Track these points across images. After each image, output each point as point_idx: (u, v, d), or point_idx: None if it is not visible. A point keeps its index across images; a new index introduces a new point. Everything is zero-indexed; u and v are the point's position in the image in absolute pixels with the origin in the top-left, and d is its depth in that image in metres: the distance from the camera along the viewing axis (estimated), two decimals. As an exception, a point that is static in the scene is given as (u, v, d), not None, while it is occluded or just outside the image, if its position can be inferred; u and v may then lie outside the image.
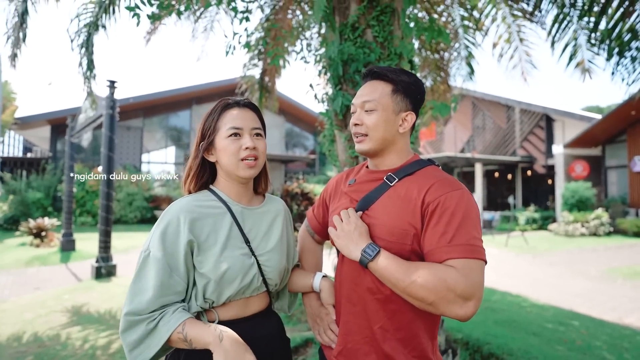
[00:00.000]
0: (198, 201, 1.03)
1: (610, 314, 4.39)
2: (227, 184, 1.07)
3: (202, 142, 1.05)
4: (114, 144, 6.21)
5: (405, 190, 1.01)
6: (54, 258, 7.58)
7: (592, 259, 8.14)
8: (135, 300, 0.92)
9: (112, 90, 6.23)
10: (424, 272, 0.89)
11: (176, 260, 0.96)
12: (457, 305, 0.86)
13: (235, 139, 1.03)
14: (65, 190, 8.69)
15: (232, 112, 1.04)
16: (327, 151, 2.67)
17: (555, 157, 13.69)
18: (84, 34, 3.91)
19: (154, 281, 0.93)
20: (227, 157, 1.03)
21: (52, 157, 15.20)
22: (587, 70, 4.24)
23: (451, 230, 0.91)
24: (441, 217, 0.93)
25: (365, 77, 1.11)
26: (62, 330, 3.58)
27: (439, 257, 0.91)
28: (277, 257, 1.09)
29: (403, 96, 1.06)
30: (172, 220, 0.98)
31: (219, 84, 17.17)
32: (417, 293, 0.89)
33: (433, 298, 0.87)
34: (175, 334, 0.90)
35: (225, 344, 0.88)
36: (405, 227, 0.97)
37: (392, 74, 1.06)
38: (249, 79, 5.52)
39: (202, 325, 0.92)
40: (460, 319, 0.88)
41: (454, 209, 0.93)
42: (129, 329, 0.91)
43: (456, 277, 0.86)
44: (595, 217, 11.57)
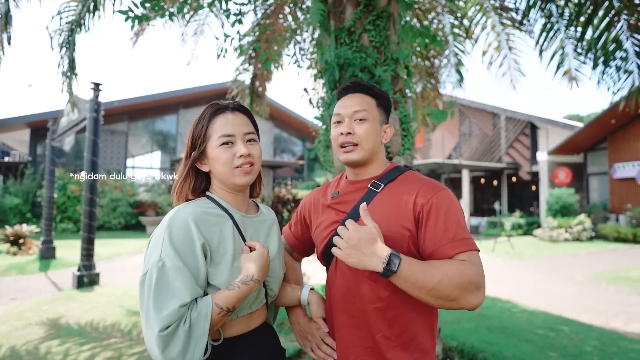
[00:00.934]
0: (201, 207, 0.97)
1: (598, 318, 4.44)
2: (223, 192, 1.02)
3: (193, 152, 0.99)
4: (98, 148, 6.04)
5: (393, 194, 1.04)
6: (32, 266, 7.28)
7: (576, 263, 8.29)
8: (163, 313, 0.83)
9: (97, 92, 6.07)
10: (447, 270, 0.90)
11: (196, 268, 0.89)
12: (473, 295, 0.90)
13: (228, 147, 0.97)
14: (46, 196, 8.40)
15: (222, 117, 0.98)
16: (322, 157, 2.62)
17: (540, 164, 13.98)
18: (65, 33, 3.78)
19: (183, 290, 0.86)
20: (220, 167, 0.97)
21: (31, 162, 14.73)
22: (574, 79, 4.32)
23: (451, 227, 0.96)
24: (438, 216, 0.98)
25: (347, 89, 1.13)
26: (41, 344, 3.41)
27: (447, 253, 0.94)
28: (277, 267, 1.08)
29: (383, 110, 1.13)
30: (180, 225, 0.90)
31: (207, 88, 17.00)
32: (444, 291, 0.89)
33: (457, 293, 0.89)
34: (217, 316, 0.88)
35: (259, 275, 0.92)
36: (400, 231, 0.99)
37: (375, 89, 1.13)
38: (240, 83, 5.45)
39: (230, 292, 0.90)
40: (472, 308, 0.92)
41: (447, 207, 0.99)
42: (169, 343, 0.82)
43: (472, 269, 0.91)
44: (578, 222, 11.82)
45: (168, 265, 0.86)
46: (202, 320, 0.85)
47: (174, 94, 16.59)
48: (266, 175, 18.93)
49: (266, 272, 0.95)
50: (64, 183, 12.77)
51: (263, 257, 0.94)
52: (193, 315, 0.85)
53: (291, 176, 20.04)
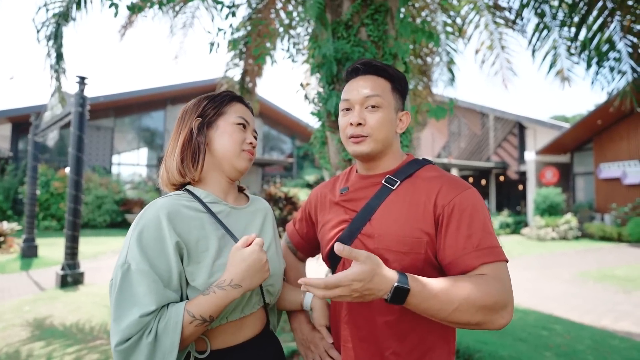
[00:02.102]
0: (179, 200, 0.87)
1: (587, 316, 4.49)
2: (214, 179, 0.94)
3: (203, 119, 0.94)
4: (83, 143, 5.86)
5: (410, 193, 0.91)
6: (13, 265, 7.04)
7: (563, 262, 8.41)
8: (123, 323, 0.74)
9: (82, 86, 5.89)
10: (467, 293, 0.76)
11: (167, 272, 0.78)
12: (499, 316, 0.78)
13: (243, 129, 0.96)
14: (28, 193, 8.14)
15: (240, 105, 0.99)
16: (318, 153, 2.56)
17: (527, 164, 14.17)
18: (52, 25, 3.63)
19: (147, 298, 0.76)
20: (230, 142, 0.93)
21: (12, 157, 14.29)
22: (566, 79, 4.35)
23: (476, 233, 0.84)
24: (461, 220, 0.85)
25: (356, 70, 0.97)
26: (22, 347, 3.26)
27: (470, 263, 0.82)
28: (276, 262, 0.98)
29: (399, 95, 0.98)
30: (150, 223, 0.80)
31: (196, 84, 16.75)
32: (464, 318, 0.76)
33: (480, 317, 0.77)
34: (190, 326, 0.76)
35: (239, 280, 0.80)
36: (418, 235, 0.87)
37: (391, 70, 0.97)
38: (230, 79, 5.34)
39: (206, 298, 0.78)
40: (499, 329, 0.80)
41: (471, 210, 0.86)
42: (130, 356, 0.73)
43: (496, 287, 0.79)
44: (565, 221, 12.02)
45: (133, 268, 0.76)
46: (171, 330, 0.74)
47: (161, 89, 16.30)
48: (255, 173, 18.77)
49: (256, 278, 0.81)
50: (47, 179, 12.42)
51: (252, 257, 0.80)
52: (160, 325, 0.74)
53: (280, 174, 19.92)
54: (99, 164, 15.27)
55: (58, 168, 13.31)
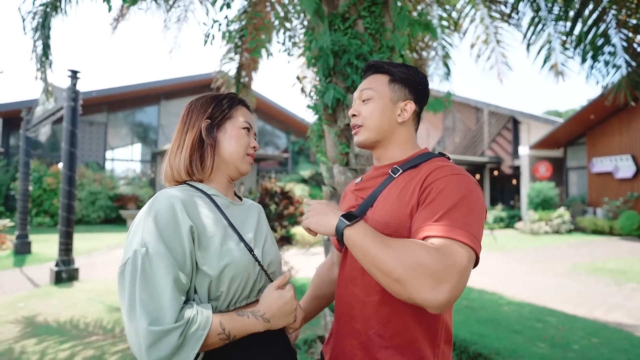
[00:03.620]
0: (187, 190, 0.91)
1: (580, 308, 4.55)
2: (217, 177, 0.99)
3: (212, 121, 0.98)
4: (76, 138, 5.78)
5: (406, 181, 0.94)
6: (6, 262, 6.97)
7: (556, 255, 8.50)
8: (151, 307, 0.75)
9: (74, 80, 5.80)
10: (396, 243, 0.78)
11: (182, 254, 0.80)
12: (427, 287, 0.71)
13: (248, 133, 1.02)
14: (20, 189, 8.04)
15: (245, 109, 1.04)
16: (315, 147, 2.54)
17: (521, 158, 14.27)
18: (39, 15, 3.56)
19: (166, 280, 0.77)
20: (237, 146, 0.98)
21: (4, 153, 14.09)
22: (561, 73, 4.36)
23: (443, 208, 0.80)
24: (435, 198, 0.83)
25: (365, 72, 1.10)
26: (15, 344, 3.23)
27: (421, 234, 0.79)
28: (274, 249, 1.03)
29: (401, 85, 1.03)
30: (165, 208, 0.82)
31: (190, 79, 16.59)
32: (385, 264, 0.75)
33: (401, 272, 0.73)
34: (216, 337, 0.80)
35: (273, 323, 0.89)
36: (402, 218, 0.89)
37: (389, 66, 1.05)
38: (225, 74, 5.29)
39: (239, 318, 0.84)
40: (430, 306, 0.73)
41: (451, 191, 0.83)
42: (156, 343, 0.73)
43: (431, 252, 0.73)
44: (558, 215, 12.14)
45: (152, 250, 0.77)
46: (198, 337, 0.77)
47: (155, 84, 16.13)
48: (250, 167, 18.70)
49: (283, 320, 0.90)
50: (40, 175, 12.28)
51: (287, 302, 0.90)
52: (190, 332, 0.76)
53: (275, 169, 19.87)
54: (93, 159, 15.12)
55: (51, 164, 13.16)
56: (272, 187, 4.68)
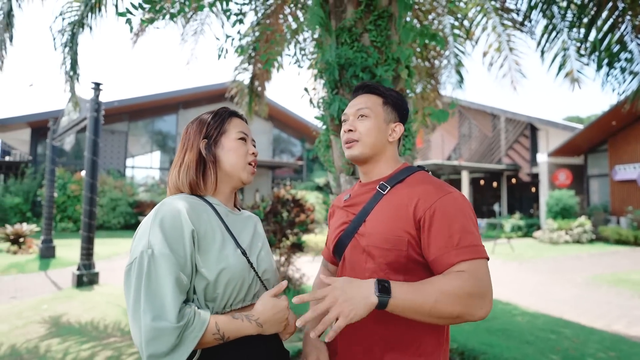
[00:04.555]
0: (190, 199, 0.99)
1: (599, 321, 4.42)
2: (220, 189, 1.05)
3: (209, 140, 1.03)
4: (98, 147, 6.03)
5: (397, 197, 1.03)
6: (32, 265, 7.28)
7: (576, 266, 8.27)
8: (154, 305, 0.81)
9: (97, 92, 6.06)
10: (443, 287, 0.86)
11: (183, 257, 0.88)
12: (477, 308, 0.86)
13: (244, 143, 1.06)
14: (46, 195, 8.40)
15: (238, 120, 1.09)
16: (323, 157, 2.62)
17: (540, 166, 13.97)
18: (68, 33, 3.78)
19: (168, 280, 0.84)
20: (236, 157, 1.04)
21: (32, 161, 14.72)
22: (576, 80, 4.30)
23: (456, 234, 0.92)
24: (442, 221, 0.94)
25: (356, 91, 1.17)
26: (40, 342, 3.40)
27: (449, 260, 0.91)
28: (269, 258, 1.09)
29: (392, 108, 1.13)
30: (170, 213, 0.90)
31: (207, 88, 17.00)
32: (445, 310, 0.85)
33: (459, 309, 0.85)
34: (211, 337, 0.86)
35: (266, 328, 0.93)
36: (399, 234, 0.97)
37: (382, 88, 1.14)
38: (239, 83, 5.44)
39: (234, 321, 0.90)
40: (479, 319, 0.88)
41: (452, 212, 0.95)
42: (156, 338, 0.80)
43: (471, 280, 0.87)
44: (579, 224, 11.81)
45: (157, 252, 0.85)
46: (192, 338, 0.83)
47: (173, 94, 16.60)
48: (265, 175, 18.92)
49: (275, 327, 0.95)
50: (64, 182, 12.77)
51: (281, 310, 0.95)
52: (187, 331, 0.83)
53: (290, 177, 20.03)
54: (114, 167, 15.61)
55: (74, 171, 13.66)
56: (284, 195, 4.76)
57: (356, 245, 1.06)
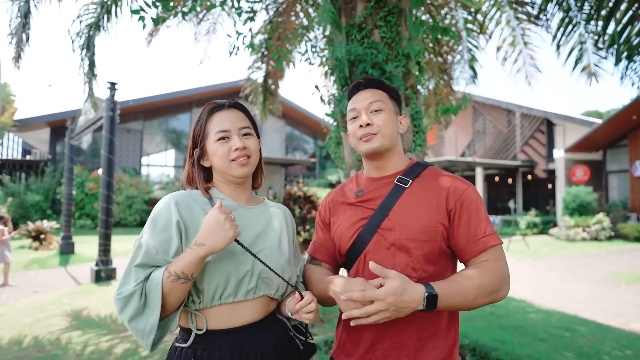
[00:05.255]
0: (190, 194, 1.05)
1: (616, 319, 4.34)
2: (222, 185, 1.08)
3: (195, 150, 1.06)
4: (114, 146, 6.17)
5: (423, 190, 1.06)
6: (52, 261, 7.51)
7: (594, 263, 8.10)
8: (123, 282, 0.93)
9: (113, 92, 6.20)
10: (478, 283, 0.95)
11: (168, 243, 0.95)
12: (503, 292, 0.98)
13: (224, 142, 1.03)
14: (65, 193, 8.63)
15: (218, 115, 1.05)
16: (333, 153, 2.64)
17: (556, 162, 13.68)
18: (85, 35, 3.88)
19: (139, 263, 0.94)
20: (218, 160, 1.03)
21: (51, 160, 15.14)
22: (593, 74, 4.20)
23: (482, 222, 1.02)
24: (470, 212, 1.02)
25: (357, 86, 1.15)
26: (62, 335, 3.52)
27: (480, 247, 1.00)
28: (274, 258, 1.03)
29: (396, 102, 1.16)
30: (162, 207, 0.99)
31: (220, 86, 17.16)
32: (481, 302, 0.96)
33: (492, 297, 0.97)
34: (167, 282, 0.89)
35: (209, 244, 0.90)
36: (435, 225, 1.02)
37: (385, 83, 1.16)
38: (253, 81, 5.49)
39: (181, 256, 0.91)
40: (500, 300, 1.00)
41: (477, 203, 1.03)
42: (123, 308, 0.90)
43: (497, 269, 0.98)
44: (597, 221, 11.54)
45: (143, 240, 0.95)
46: (154, 289, 0.89)
47: (187, 92, 16.81)
48: (278, 173, 19.02)
49: (218, 237, 0.89)
50: (82, 180, 13.09)
51: (212, 218, 0.90)
52: (147, 286, 0.90)
53: (303, 174, 20.09)
54: (129, 165, 15.92)
55: (92, 169, 13.99)
56: (296, 192, 4.80)
57: (380, 240, 1.03)
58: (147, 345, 0.90)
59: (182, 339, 1.00)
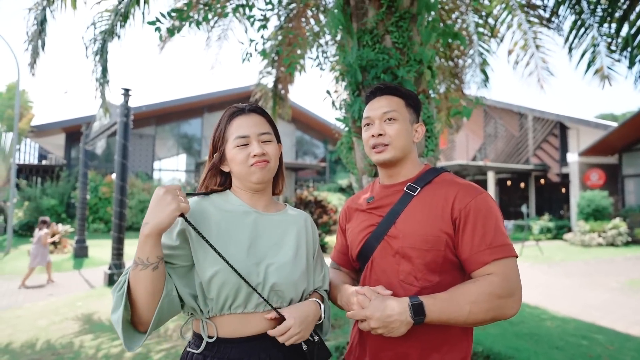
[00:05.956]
0: (204, 199, 1.04)
1: (635, 327, 4.22)
2: (241, 191, 1.06)
3: (215, 154, 1.06)
4: (127, 151, 6.27)
5: (430, 198, 1.03)
6: (67, 264, 7.63)
7: (610, 269, 7.91)
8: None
9: (126, 98, 6.31)
10: (474, 297, 0.90)
11: (170, 248, 0.94)
12: (508, 309, 0.92)
13: (243, 148, 1.01)
14: (79, 197, 8.79)
15: (238, 120, 1.04)
16: (345, 159, 2.63)
17: (570, 166, 13.44)
18: (99, 42, 3.96)
19: None
20: (237, 167, 1.02)
21: (66, 165, 15.44)
22: (607, 77, 4.14)
23: (490, 233, 0.96)
24: (476, 222, 0.97)
25: (374, 93, 1.13)
26: (75, 338, 3.57)
27: (482, 259, 0.94)
28: (288, 269, 0.99)
29: (413, 109, 1.13)
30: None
31: (231, 92, 17.34)
32: (478, 318, 0.91)
33: (492, 315, 0.91)
34: (133, 272, 0.87)
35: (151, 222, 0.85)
36: (438, 234, 0.98)
37: (403, 90, 1.13)
38: (263, 87, 5.54)
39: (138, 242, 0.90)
40: (510, 317, 0.93)
41: (485, 212, 0.98)
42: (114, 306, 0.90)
43: (501, 283, 0.91)
44: (613, 226, 11.28)
45: None
46: (123, 279, 0.90)
47: (198, 98, 17.02)
48: (288, 177, 19.08)
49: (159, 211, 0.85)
50: (96, 185, 13.31)
51: (153, 197, 0.88)
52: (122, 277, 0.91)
53: (313, 178, 20.11)
54: (142, 169, 16.14)
55: (105, 174, 14.22)
56: (307, 197, 4.80)
57: (386, 248, 1.04)
58: (121, 338, 0.88)
59: (194, 345, 0.99)
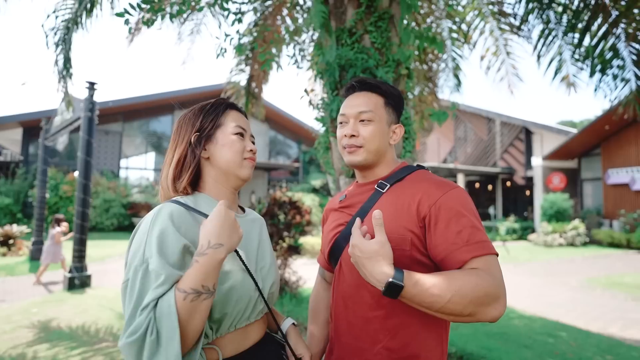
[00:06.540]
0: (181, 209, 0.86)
1: (594, 324, 4.43)
2: (216, 189, 0.94)
3: (201, 133, 0.93)
4: (92, 148, 5.95)
5: (397, 195, 0.97)
6: (22, 268, 7.14)
7: (571, 269, 8.31)
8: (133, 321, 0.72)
9: (92, 92, 5.99)
10: (459, 285, 0.79)
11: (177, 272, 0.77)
12: (491, 308, 0.81)
13: (241, 138, 0.96)
14: (37, 196, 8.27)
15: (236, 113, 0.99)
16: (322, 159, 2.58)
17: (534, 169, 14.07)
18: (61, 31, 3.71)
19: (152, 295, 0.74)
20: (231, 154, 0.93)
21: (23, 161, 14.53)
22: (572, 85, 4.32)
23: (465, 230, 0.87)
24: (449, 218, 0.88)
25: (353, 88, 1.07)
26: (28, 348, 3.31)
27: (461, 257, 0.85)
28: (274, 271, 1.00)
29: (392, 109, 1.06)
30: (166, 224, 0.80)
31: (203, 89, 16.93)
32: (456, 309, 0.79)
33: (472, 308, 0.79)
34: (185, 303, 0.71)
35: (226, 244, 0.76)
36: (402, 232, 0.92)
37: (384, 87, 1.05)
38: (235, 84, 5.40)
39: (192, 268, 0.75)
40: (492, 321, 0.82)
41: (458, 208, 0.90)
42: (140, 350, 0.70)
43: (487, 279, 0.81)
44: (573, 227, 11.89)
45: (152, 268, 0.75)
46: (166, 315, 0.71)
47: (169, 94, 16.49)
48: (261, 177, 18.85)
49: (234, 235, 0.78)
50: (57, 183, 12.60)
51: (221, 215, 0.78)
52: (157, 315, 0.71)
53: (286, 178, 19.97)
54: (107, 167, 15.44)
55: (67, 172, 13.49)
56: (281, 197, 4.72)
57: None
58: None
59: None
